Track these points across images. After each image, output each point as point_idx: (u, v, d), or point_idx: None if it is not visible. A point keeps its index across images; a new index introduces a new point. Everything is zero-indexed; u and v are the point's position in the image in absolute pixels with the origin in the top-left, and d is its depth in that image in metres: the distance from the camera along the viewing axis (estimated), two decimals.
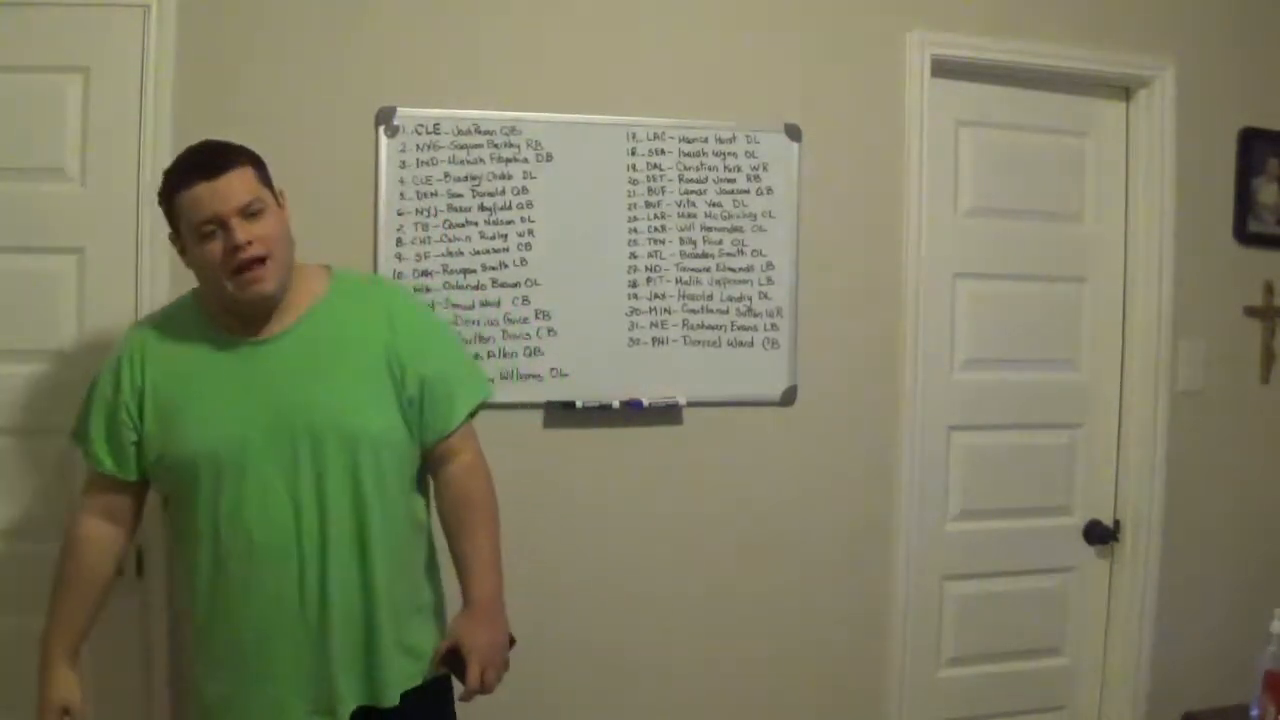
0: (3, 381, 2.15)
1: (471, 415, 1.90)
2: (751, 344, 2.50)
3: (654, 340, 2.44)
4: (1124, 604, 2.80)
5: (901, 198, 2.59)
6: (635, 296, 2.43)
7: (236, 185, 1.68)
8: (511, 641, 1.86)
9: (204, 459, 1.71)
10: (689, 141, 2.45)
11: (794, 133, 2.51)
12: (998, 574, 2.76)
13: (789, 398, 2.53)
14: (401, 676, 1.81)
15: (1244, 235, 2.85)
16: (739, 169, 2.48)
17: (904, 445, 2.61)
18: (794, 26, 2.52)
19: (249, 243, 1.68)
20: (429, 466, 1.89)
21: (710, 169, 2.46)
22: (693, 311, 2.46)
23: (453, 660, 1.81)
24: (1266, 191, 2.88)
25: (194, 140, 2.16)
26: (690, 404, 2.46)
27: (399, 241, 2.28)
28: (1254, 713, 1.91)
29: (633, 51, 2.43)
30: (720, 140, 2.46)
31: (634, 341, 2.43)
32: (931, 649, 2.72)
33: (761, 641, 2.55)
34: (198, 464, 1.71)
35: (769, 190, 2.50)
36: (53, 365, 2.17)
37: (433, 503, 1.92)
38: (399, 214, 2.28)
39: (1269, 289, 2.88)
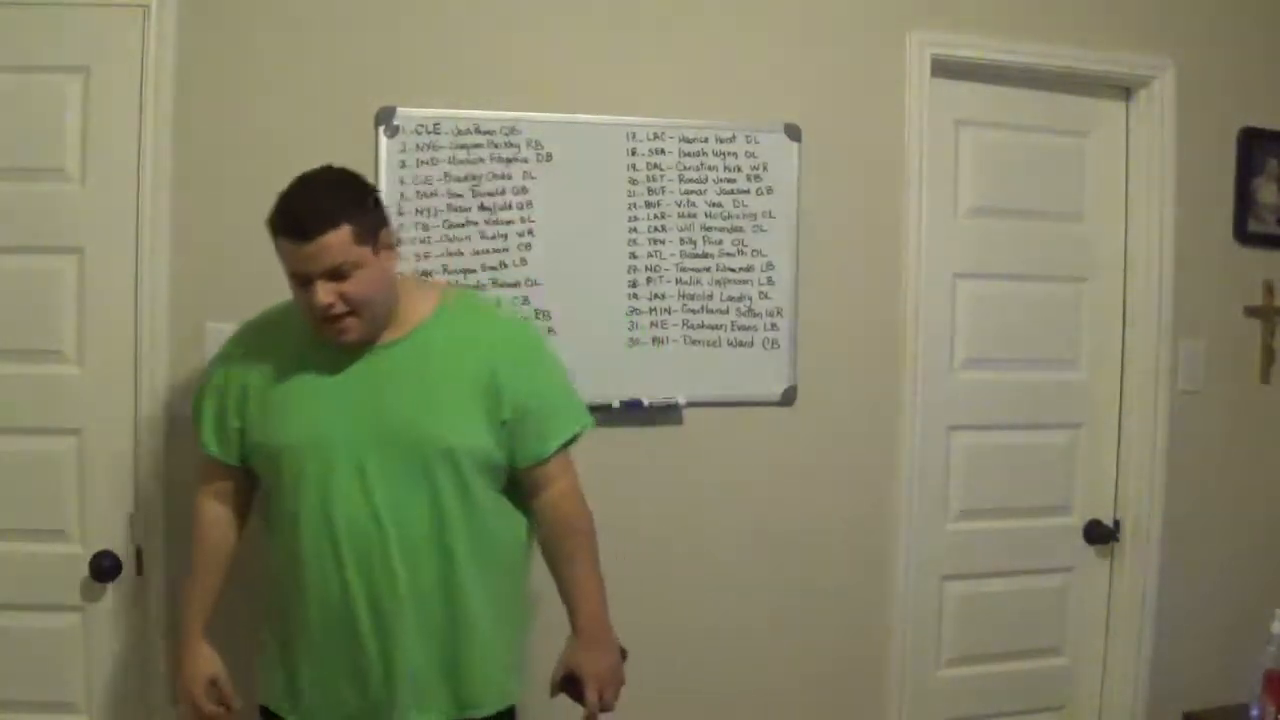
0: (3, 381, 2.15)
1: (568, 445, 1.93)
2: (751, 344, 2.50)
3: (654, 340, 2.44)
4: (1124, 604, 2.80)
5: (901, 198, 2.59)
6: (635, 296, 2.43)
7: (327, 249, 1.68)
8: (623, 654, 1.92)
9: (290, 452, 1.78)
10: (689, 141, 2.44)
11: (794, 133, 2.51)
12: (998, 574, 2.76)
13: (789, 398, 2.53)
14: (498, 694, 1.87)
15: (1244, 235, 2.85)
16: (739, 169, 2.48)
17: (904, 445, 2.61)
18: (794, 26, 2.52)
19: (330, 305, 1.70)
20: (526, 494, 1.93)
21: (710, 169, 2.46)
22: (693, 311, 2.46)
23: (569, 686, 1.89)
24: (1266, 191, 2.88)
25: (193, 141, 2.19)
26: (690, 404, 2.46)
27: (398, 241, 2.28)
28: (1254, 713, 1.91)
29: (633, 51, 2.43)
30: (720, 140, 2.46)
31: (634, 341, 2.43)
32: (931, 649, 2.72)
33: (762, 641, 2.55)
34: (284, 456, 1.78)
35: (769, 190, 2.50)
36: (53, 365, 2.16)
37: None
38: (399, 214, 2.28)
39: (1269, 289, 2.88)
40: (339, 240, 1.68)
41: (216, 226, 2.21)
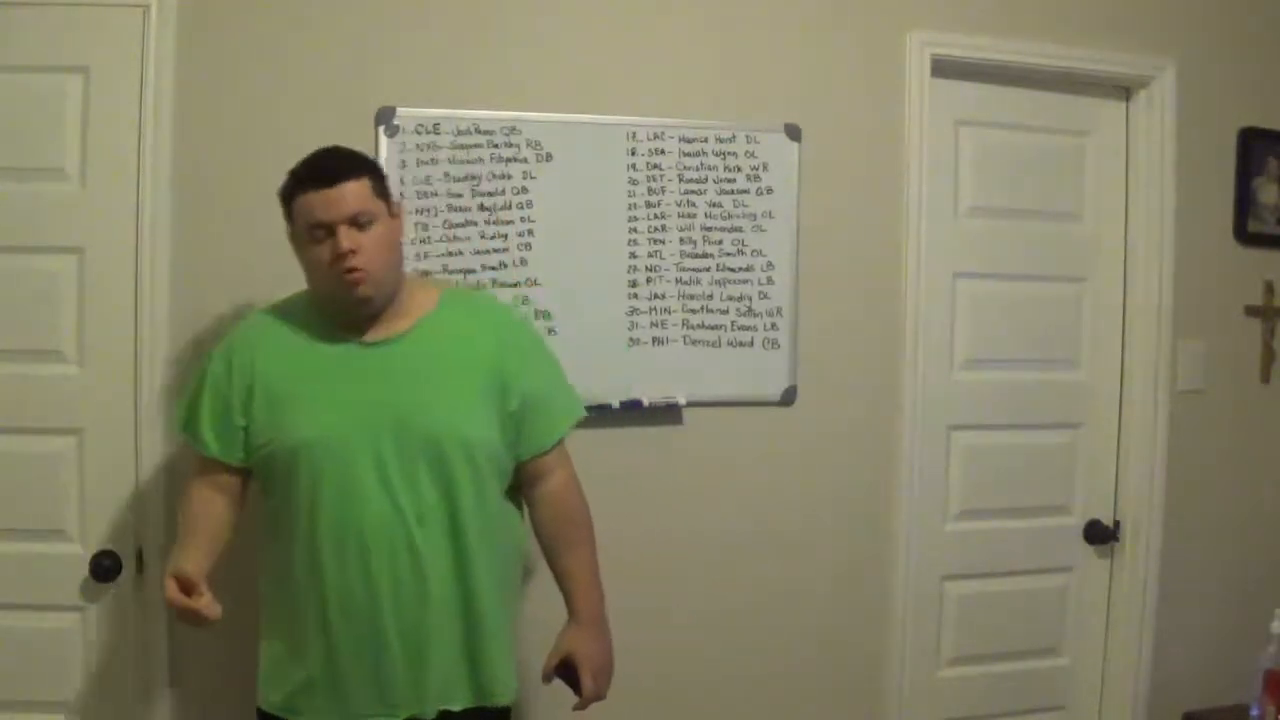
0: (3, 381, 2.15)
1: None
2: (751, 344, 2.50)
3: (654, 340, 2.44)
4: (1124, 604, 2.80)
5: (901, 198, 2.59)
6: (635, 296, 2.43)
7: (349, 196, 1.75)
8: None
9: (307, 450, 1.76)
10: (689, 141, 2.44)
11: (794, 133, 2.51)
12: (998, 574, 2.76)
13: (789, 398, 2.53)
14: (509, 683, 1.88)
15: (1244, 235, 2.85)
16: (739, 169, 2.48)
17: (904, 445, 2.61)
18: (794, 26, 2.52)
19: (352, 250, 1.73)
20: (523, 484, 1.95)
21: (710, 169, 2.46)
22: (693, 311, 2.46)
23: (565, 672, 1.90)
24: (1266, 191, 2.88)
25: (193, 141, 2.19)
26: (690, 404, 2.46)
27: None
28: (1254, 713, 1.91)
29: (633, 51, 2.43)
30: (720, 140, 2.46)
31: (634, 341, 2.43)
32: (931, 649, 2.72)
33: (761, 641, 2.54)
34: (301, 454, 1.76)
35: (769, 190, 2.50)
36: (53, 365, 2.16)
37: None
38: None
39: (1269, 289, 2.88)
40: (360, 188, 1.77)
41: (216, 226, 2.21)
